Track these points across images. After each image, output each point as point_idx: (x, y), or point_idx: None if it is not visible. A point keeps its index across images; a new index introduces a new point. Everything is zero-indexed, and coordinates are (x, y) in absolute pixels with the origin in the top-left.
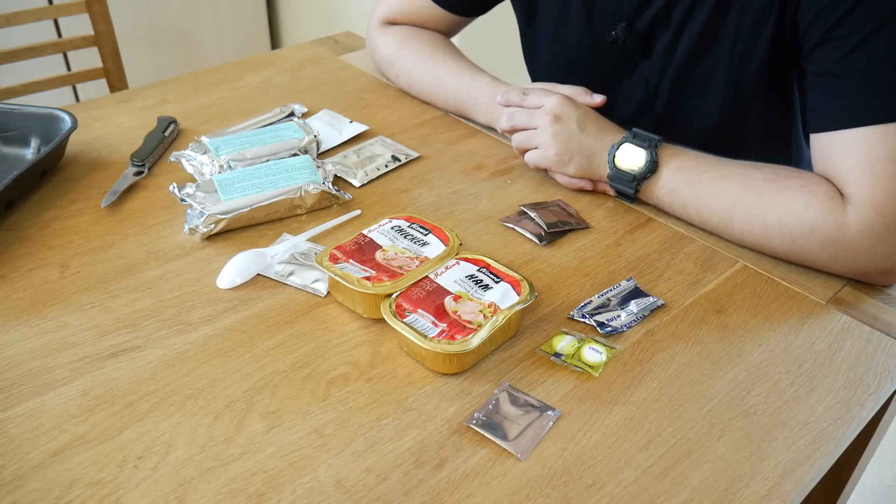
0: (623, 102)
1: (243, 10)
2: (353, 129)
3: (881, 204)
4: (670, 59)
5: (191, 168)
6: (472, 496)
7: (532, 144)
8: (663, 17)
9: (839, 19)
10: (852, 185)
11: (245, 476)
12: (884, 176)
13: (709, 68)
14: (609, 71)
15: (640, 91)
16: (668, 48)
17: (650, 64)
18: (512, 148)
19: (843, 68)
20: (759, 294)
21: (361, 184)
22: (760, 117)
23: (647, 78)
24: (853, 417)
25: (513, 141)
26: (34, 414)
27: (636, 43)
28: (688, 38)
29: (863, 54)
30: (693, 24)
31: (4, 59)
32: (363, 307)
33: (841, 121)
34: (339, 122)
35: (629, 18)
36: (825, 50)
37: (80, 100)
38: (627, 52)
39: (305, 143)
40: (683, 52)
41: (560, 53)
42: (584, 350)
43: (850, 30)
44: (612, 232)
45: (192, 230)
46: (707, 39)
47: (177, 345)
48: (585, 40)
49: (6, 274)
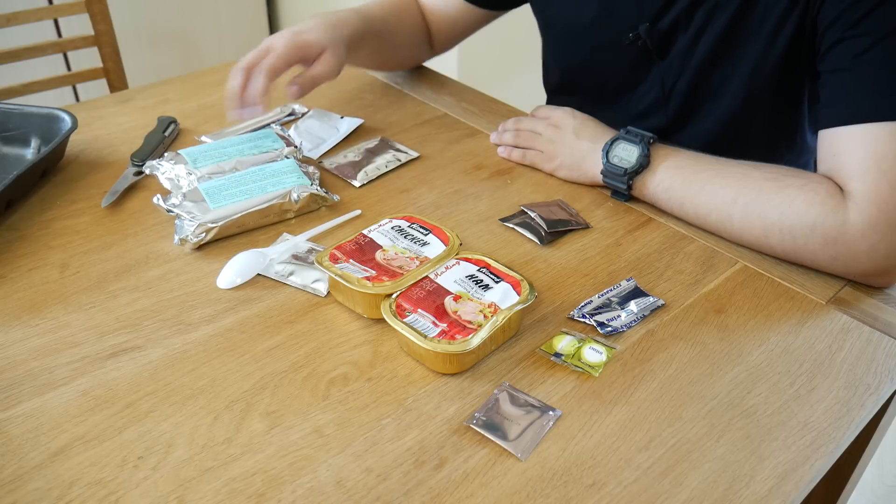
0: (636, 102)
1: (243, 10)
2: (349, 125)
3: (884, 201)
4: (688, 60)
5: (167, 183)
6: (472, 496)
7: (533, 146)
8: (684, 19)
9: (859, 19)
10: (857, 181)
11: (245, 476)
12: (889, 173)
13: (727, 70)
14: (623, 71)
15: (654, 91)
16: (686, 50)
17: (666, 65)
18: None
19: (858, 65)
20: (759, 294)
21: (361, 184)
22: (768, 121)
23: (664, 79)
24: (853, 417)
25: (513, 150)
26: (34, 414)
27: (655, 44)
28: (707, 41)
29: (878, 53)
30: (714, 26)
31: (4, 59)
32: (363, 307)
33: (851, 116)
34: (332, 120)
35: (651, 19)
36: (842, 48)
37: (80, 100)
38: (645, 52)
39: (286, 153)
40: (703, 54)
41: (575, 52)
42: (585, 350)
43: (867, 29)
44: (612, 232)
45: (183, 241)
46: (727, 42)
47: (177, 345)
48: (602, 40)
49: (6, 274)
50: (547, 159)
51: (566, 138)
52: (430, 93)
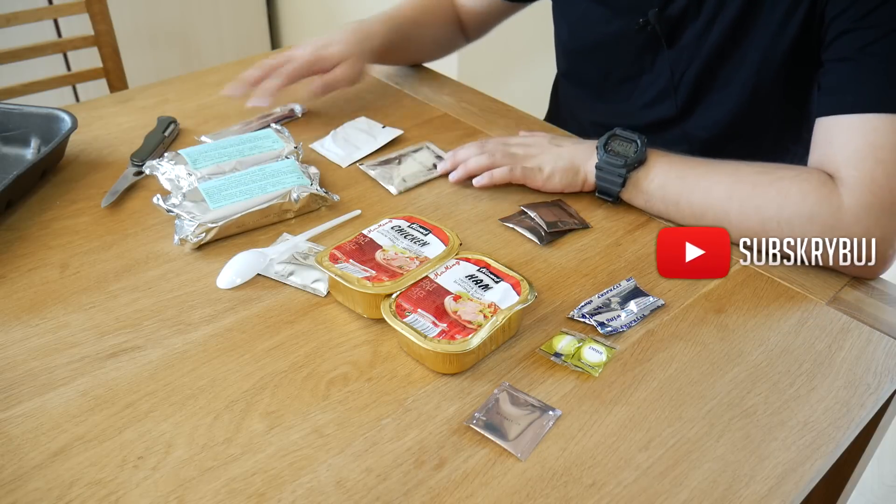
0: (643, 91)
1: (243, 10)
2: (387, 134)
3: (879, 187)
4: (699, 49)
5: (167, 183)
6: (472, 496)
7: (514, 163)
8: (694, 7)
9: (867, 12)
10: (851, 168)
11: (245, 476)
12: (885, 162)
13: (736, 60)
14: (632, 58)
15: (662, 80)
16: (697, 39)
17: (675, 53)
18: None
19: (862, 56)
20: (759, 294)
21: (399, 192)
22: (776, 114)
23: (673, 68)
24: (853, 417)
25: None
26: (34, 414)
27: (664, 31)
28: (718, 30)
29: (883, 46)
30: (725, 15)
31: (4, 59)
32: (363, 307)
33: (851, 106)
34: (373, 129)
35: (661, 5)
36: (847, 39)
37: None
38: (654, 39)
39: (286, 153)
40: (713, 44)
41: (585, 38)
42: (584, 350)
43: (875, 22)
44: (612, 232)
45: (183, 241)
46: (737, 32)
47: (177, 345)
48: (612, 26)
49: (6, 274)
50: (535, 171)
51: (546, 147)
52: (430, 93)
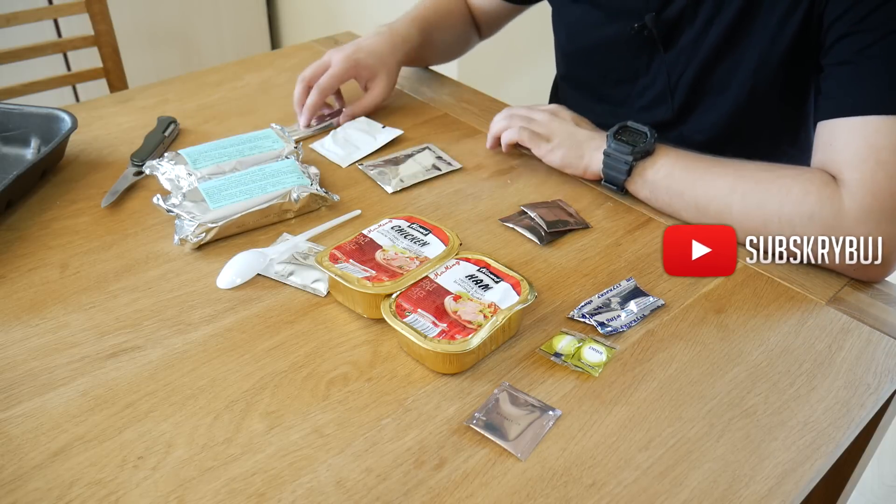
0: (640, 94)
1: (243, 10)
2: (387, 134)
3: (880, 189)
4: (695, 53)
5: (167, 183)
6: (472, 496)
7: (529, 127)
8: (690, 11)
9: (865, 15)
10: (852, 170)
11: (245, 476)
12: (886, 164)
13: (733, 63)
14: (627, 61)
15: (659, 84)
16: (693, 42)
17: (672, 57)
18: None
19: (861, 59)
20: (759, 294)
21: (394, 191)
22: (773, 116)
23: (669, 71)
24: (853, 417)
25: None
26: (34, 414)
27: (661, 34)
28: (715, 34)
29: (882, 48)
30: (721, 19)
31: (4, 59)
32: (363, 307)
33: (851, 108)
34: (373, 129)
35: (657, 9)
36: (846, 42)
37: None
38: (650, 43)
39: (286, 153)
40: (709, 47)
41: (583, 41)
42: (584, 350)
43: (874, 25)
44: (612, 232)
45: (183, 241)
46: (734, 35)
47: (177, 345)
48: (609, 30)
49: (6, 274)
50: (542, 139)
51: (566, 124)
52: (430, 93)
